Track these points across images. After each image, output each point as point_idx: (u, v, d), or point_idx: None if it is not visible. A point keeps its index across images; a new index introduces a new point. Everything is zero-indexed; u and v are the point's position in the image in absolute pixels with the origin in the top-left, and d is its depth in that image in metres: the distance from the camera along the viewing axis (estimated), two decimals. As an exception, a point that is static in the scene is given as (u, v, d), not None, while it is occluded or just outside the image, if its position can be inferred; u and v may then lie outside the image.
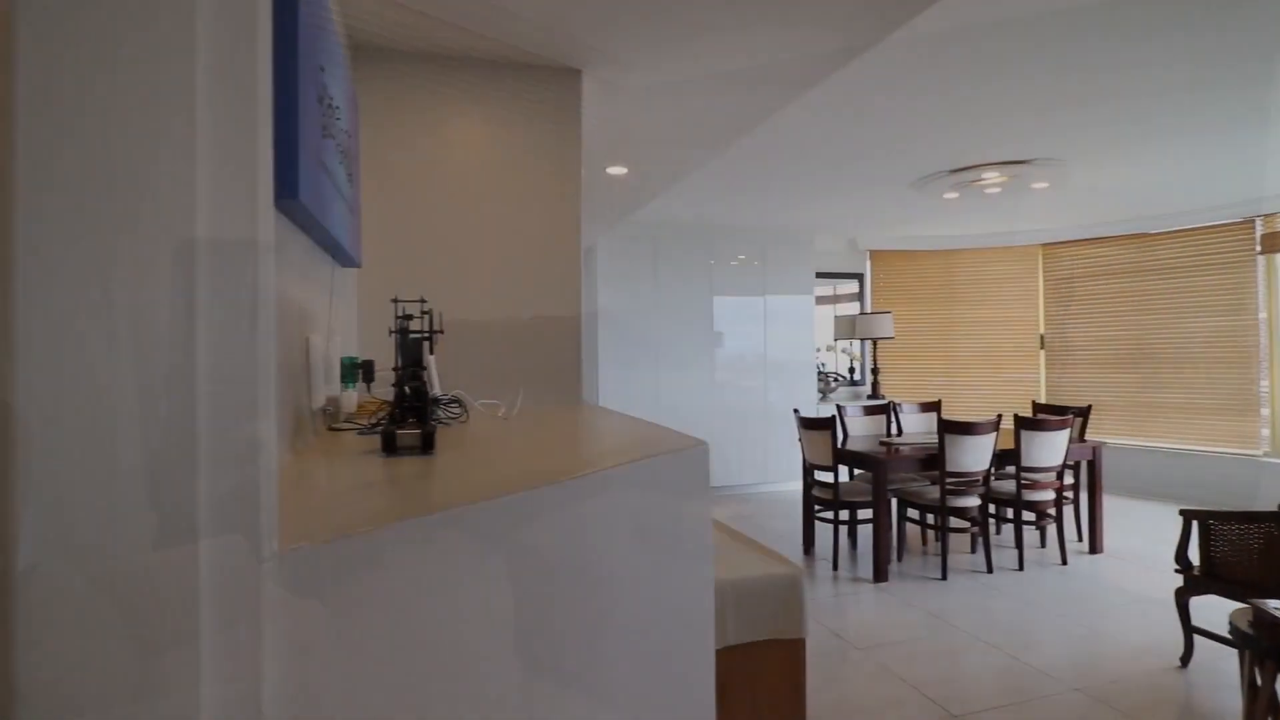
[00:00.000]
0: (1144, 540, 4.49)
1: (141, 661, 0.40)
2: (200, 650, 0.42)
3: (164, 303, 0.41)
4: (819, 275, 6.63)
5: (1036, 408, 4.87)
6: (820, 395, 6.49)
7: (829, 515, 4.18)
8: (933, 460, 3.84)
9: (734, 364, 6.16)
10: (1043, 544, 4.36)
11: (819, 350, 6.79)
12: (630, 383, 5.87)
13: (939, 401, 4.93)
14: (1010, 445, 4.00)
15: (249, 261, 0.47)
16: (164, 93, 0.42)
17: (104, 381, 0.39)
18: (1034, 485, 3.96)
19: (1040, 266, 6.62)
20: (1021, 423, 3.91)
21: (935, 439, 4.06)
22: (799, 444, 4.30)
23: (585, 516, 0.82)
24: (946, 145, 3.69)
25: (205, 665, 0.43)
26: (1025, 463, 3.91)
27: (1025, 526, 4.16)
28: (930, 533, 4.52)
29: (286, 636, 0.50)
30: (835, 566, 4.01)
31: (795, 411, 4.39)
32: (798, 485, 6.10)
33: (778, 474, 6.16)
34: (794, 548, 4.39)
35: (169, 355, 0.41)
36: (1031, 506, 4.01)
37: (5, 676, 0.36)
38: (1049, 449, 3.91)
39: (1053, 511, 4.07)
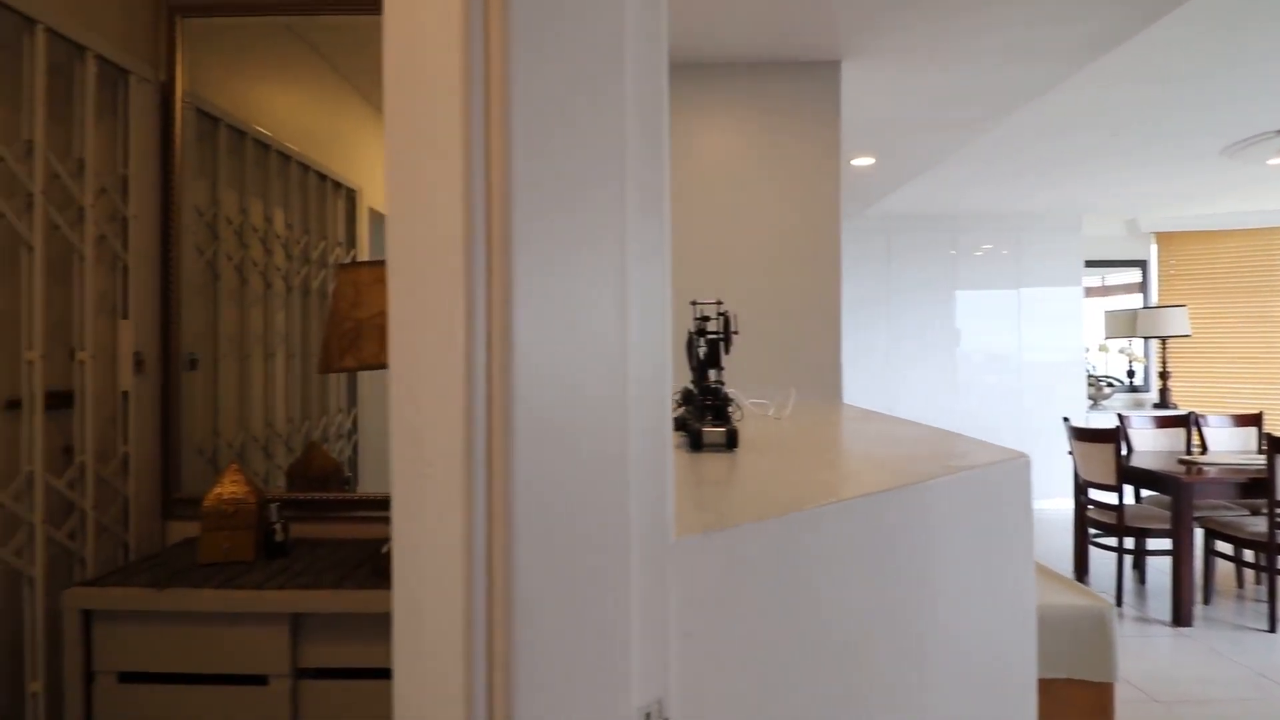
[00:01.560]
0: None
1: (592, 641, 0.45)
2: (631, 633, 0.47)
3: (609, 314, 0.46)
4: (1088, 264, 5.78)
5: None
6: (1091, 402, 5.65)
7: (1110, 542, 3.62)
8: (1256, 485, 3.15)
9: (981, 364, 5.59)
10: None
11: (1087, 350, 5.91)
12: (862, 383, 5.60)
13: (1259, 414, 4.04)
14: (1377, 473, 3.14)
15: (659, 273, 0.51)
16: (604, 143, 0.47)
17: (569, 381, 0.45)
18: None
19: None
20: (1396, 445, 3.06)
21: (1259, 460, 3.33)
22: (1069, 457, 3.78)
23: (911, 528, 0.78)
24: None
25: (634, 646, 0.47)
26: (1402, 496, 3.05)
27: (1399, 578, 3.25)
28: (1250, 573, 3.73)
29: (678, 620, 0.54)
30: (1119, 602, 3.46)
31: (1065, 420, 3.86)
32: (1062, 503, 5.38)
33: (1036, 489, 5.48)
34: (1060, 574, 3.87)
35: (611, 362, 0.46)
36: None
37: (505, 637, 0.42)
38: None
39: None
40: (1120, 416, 4.03)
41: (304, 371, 1.99)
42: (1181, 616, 3.17)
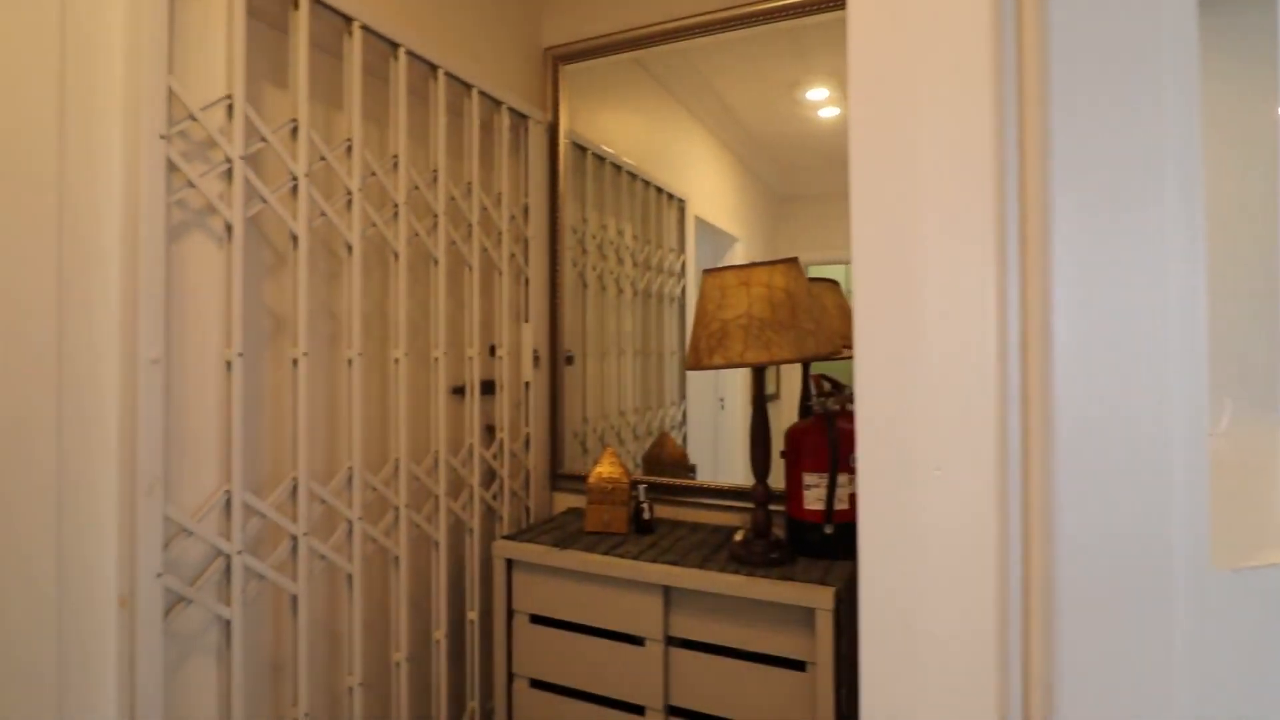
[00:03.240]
0: None
1: (1133, 672, 0.41)
2: (1172, 669, 0.41)
3: (1150, 315, 0.41)
4: None
5: None
6: None
7: None
8: None
9: None
10: None
11: None
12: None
13: None
14: None
15: (1196, 274, 0.45)
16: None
17: (1111, 389, 0.41)
18: None
19: None
20: None
21: None
22: None
23: None
24: None
25: (1175, 683, 0.42)
26: None
27: None
28: None
29: (1213, 662, 0.47)
30: None
31: None
32: None
33: None
34: None
35: (1152, 370, 0.42)
36: None
37: (1045, 657, 0.40)
38: None
39: None
40: None
41: (644, 367, 2.18)
42: None
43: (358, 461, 1.39)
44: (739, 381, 1.96)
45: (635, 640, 1.49)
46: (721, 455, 1.99)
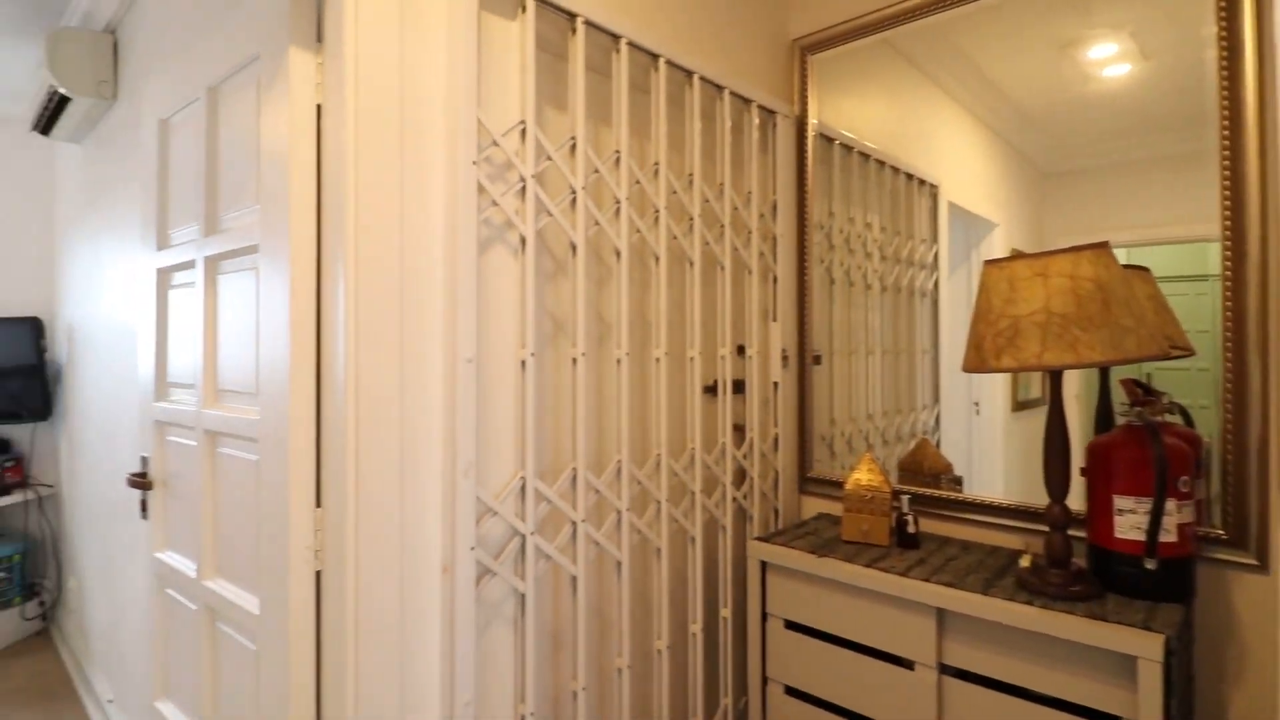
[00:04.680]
0: None
1: None
2: None
3: None
4: None
5: None
6: None
7: None
8: None
9: None
10: None
11: None
12: None
13: None
14: None
15: None
16: None
17: None
18: None
19: None
20: None
21: None
22: None
23: None
24: None
25: None
26: None
27: None
28: None
29: None
30: None
31: None
32: None
33: None
34: None
35: None
36: None
37: None
38: None
39: None
40: None
41: (893, 367, 2.04)
42: None
43: (625, 456, 1.46)
44: (997, 385, 1.75)
45: (904, 663, 1.39)
46: (976, 465, 1.79)
